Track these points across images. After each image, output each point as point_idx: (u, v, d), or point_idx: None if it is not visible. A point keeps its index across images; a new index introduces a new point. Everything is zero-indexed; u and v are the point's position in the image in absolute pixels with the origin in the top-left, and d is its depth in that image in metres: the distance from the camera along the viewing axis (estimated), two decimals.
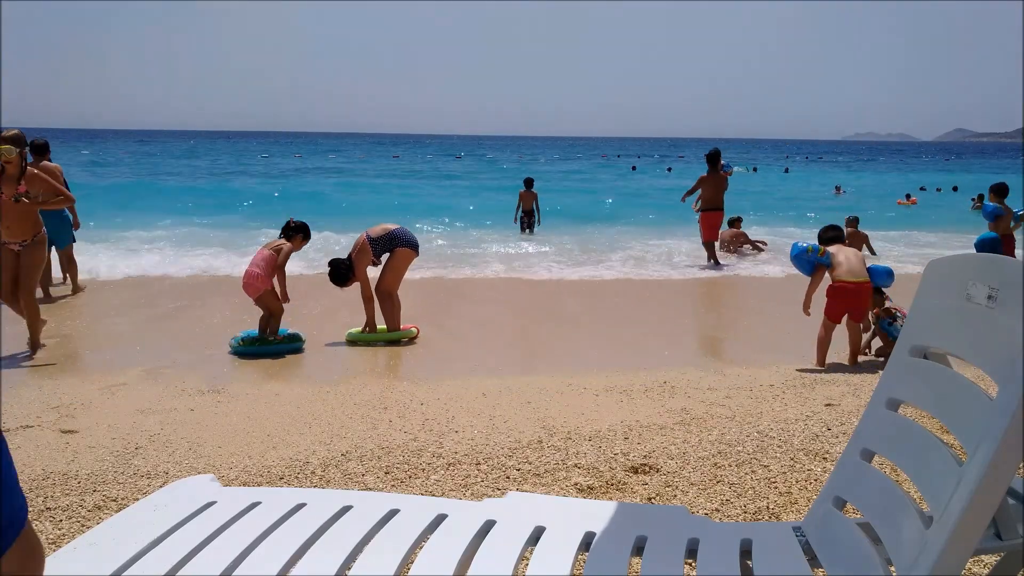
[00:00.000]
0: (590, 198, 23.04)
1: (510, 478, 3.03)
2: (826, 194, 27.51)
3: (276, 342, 5.74)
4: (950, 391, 1.33)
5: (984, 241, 7.90)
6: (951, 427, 1.25)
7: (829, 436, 3.55)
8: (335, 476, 3.09)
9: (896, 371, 1.55)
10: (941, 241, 14.21)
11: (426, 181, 32.07)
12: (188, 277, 9.31)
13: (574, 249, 12.15)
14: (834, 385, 4.72)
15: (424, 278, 8.96)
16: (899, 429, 1.46)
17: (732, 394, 4.38)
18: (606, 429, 3.64)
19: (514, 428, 3.68)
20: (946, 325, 1.42)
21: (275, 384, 4.78)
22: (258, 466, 3.22)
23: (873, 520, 1.38)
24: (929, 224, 17.42)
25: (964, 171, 44.62)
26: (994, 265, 1.29)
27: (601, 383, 4.58)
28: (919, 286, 1.54)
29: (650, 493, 2.86)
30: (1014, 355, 1.14)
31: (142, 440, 3.59)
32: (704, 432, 3.61)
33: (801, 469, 3.11)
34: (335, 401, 4.26)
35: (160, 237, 12.58)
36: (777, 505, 2.75)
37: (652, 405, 4.13)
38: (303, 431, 3.72)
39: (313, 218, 7.18)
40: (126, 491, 2.95)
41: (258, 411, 4.11)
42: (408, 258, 6.12)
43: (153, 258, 10.55)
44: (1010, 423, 1.08)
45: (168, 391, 4.54)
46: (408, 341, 6.04)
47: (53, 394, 4.45)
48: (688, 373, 4.92)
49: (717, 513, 2.69)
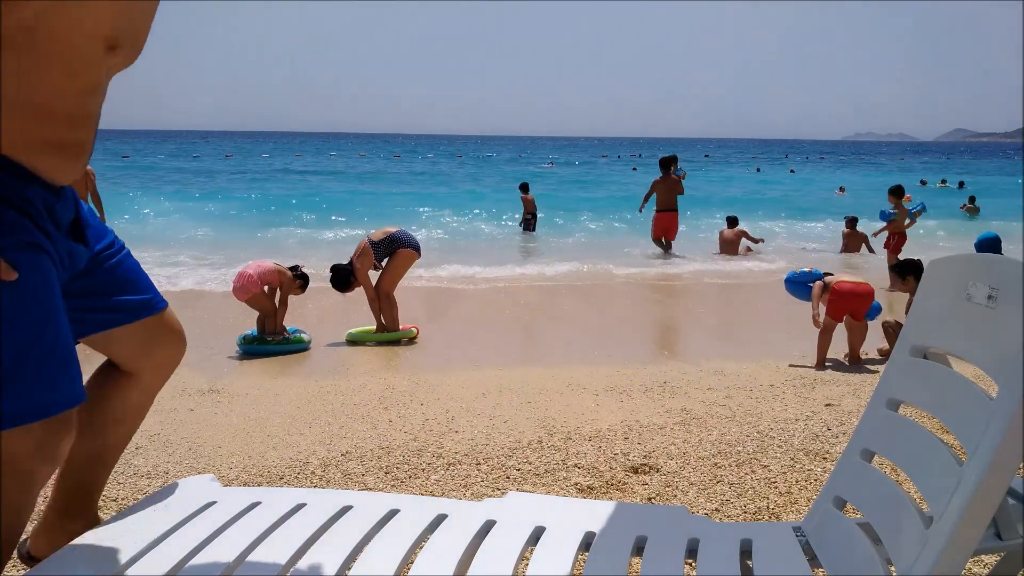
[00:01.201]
0: (591, 198, 23.07)
1: (510, 478, 3.03)
2: (872, 193, 27.13)
3: (279, 342, 5.75)
4: (950, 391, 1.33)
5: (984, 241, 7.91)
6: (951, 427, 1.25)
7: (829, 436, 3.55)
8: (335, 476, 3.09)
9: (896, 371, 1.55)
10: (933, 241, 14.25)
11: (427, 180, 32.09)
12: (189, 277, 9.31)
13: (575, 249, 12.16)
14: (834, 385, 4.72)
15: (424, 278, 8.96)
16: (899, 429, 1.46)
17: (732, 394, 4.38)
18: (606, 429, 3.64)
19: (514, 428, 3.68)
20: (946, 325, 1.42)
21: (275, 384, 4.79)
22: (258, 466, 3.22)
23: (873, 520, 1.38)
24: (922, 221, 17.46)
25: (966, 171, 44.61)
26: (994, 265, 1.29)
27: (601, 383, 4.58)
28: (919, 286, 1.55)
29: (650, 493, 2.86)
30: (1014, 355, 1.14)
31: (142, 440, 3.59)
32: (704, 432, 3.61)
33: (801, 469, 3.11)
34: (335, 401, 4.26)
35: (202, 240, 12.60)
36: (777, 505, 2.75)
37: (652, 405, 4.13)
38: (303, 431, 3.72)
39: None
40: (126, 491, 2.95)
41: (258, 411, 4.11)
42: (410, 259, 6.13)
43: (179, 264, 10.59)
44: (1010, 423, 1.08)
45: (168, 391, 4.54)
46: (408, 341, 6.04)
47: None
48: (688, 373, 4.92)
49: (717, 513, 2.69)
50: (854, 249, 12.71)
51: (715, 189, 27.02)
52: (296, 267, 6.14)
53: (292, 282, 5.95)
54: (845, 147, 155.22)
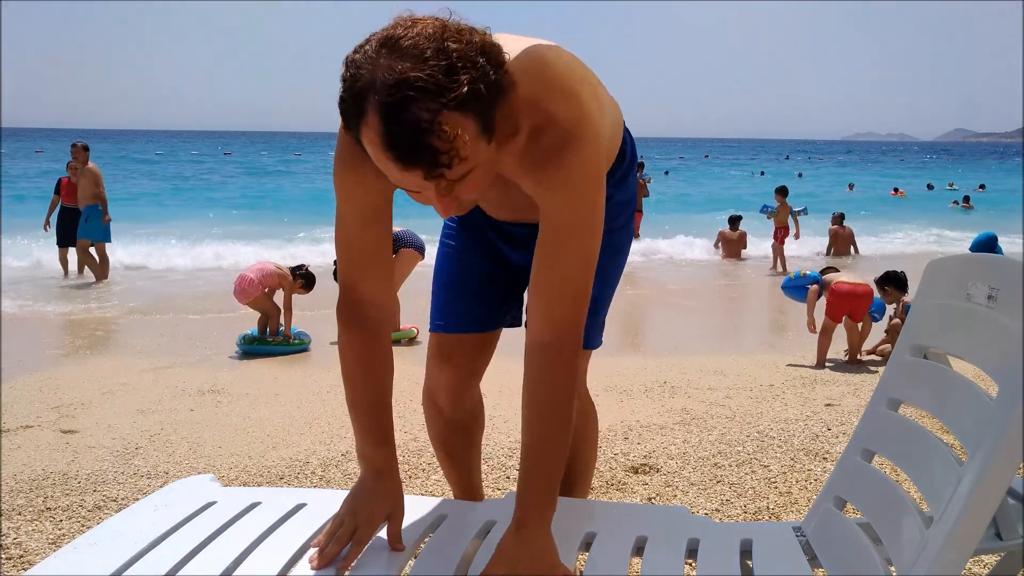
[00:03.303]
0: None
1: (510, 478, 3.03)
2: (883, 195, 26.74)
3: (279, 343, 5.75)
4: (950, 391, 1.33)
5: (981, 242, 7.92)
6: (951, 427, 1.25)
7: (829, 436, 3.55)
8: (335, 476, 3.09)
9: (896, 371, 1.55)
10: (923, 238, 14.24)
11: None
12: (190, 277, 9.32)
13: None
14: (834, 385, 4.72)
15: (424, 278, 8.96)
16: (899, 429, 1.46)
17: (732, 394, 4.38)
18: (606, 429, 3.64)
19: (514, 428, 3.68)
20: (946, 325, 1.42)
21: (275, 384, 4.78)
22: (258, 466, 3.22)
23: (873, 520, 1.38)
24: (910, 218, 17.45)
25: (967, 171, 44.56)
26: (994, 265, 1.29)
27: (601, 383, 4.58)
28: (918, 286, 1.54)
29: (650, 493, 2.86)
30: (1014, 355, 1.14)
31: (142, 440, 3.59)
32: (704, 432, 3.61)
33: (801, 469, 3.11)
34: (335, 401, 4.26)
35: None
36: (777, 505, 2.75)
37: (652, 405, 4.13)
38: (303, 431, 3.72)
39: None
40: (126, 491, 2.95)
41: (258, 411, 4.11)
42: (413, 260, 6.12)
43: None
44: (1010, 423, 1.08)
45: (168, 391, 4.54)
46: (408, 341, 6.04)
47: (53, 394, 4.45)
48: (688, 373, 4.92)
49: (717, 513, 2.69)
50: (842, 251, 12.67)
51: (750, 199, 22.25)
52: (301, 266, 6.13)
53: (293, 284, 5.94)
54: (845, 147, 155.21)
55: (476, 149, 1.12)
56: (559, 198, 1.28)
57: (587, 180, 1.28)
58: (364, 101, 1.08)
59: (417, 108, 1.04)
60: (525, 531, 1.29)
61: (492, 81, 1.12)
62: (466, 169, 1.13)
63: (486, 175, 1.22)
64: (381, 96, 1.05)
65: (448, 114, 1.05)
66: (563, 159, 1.25)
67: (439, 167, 1.09)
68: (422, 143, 1.05)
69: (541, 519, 1.31)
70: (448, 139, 1.06)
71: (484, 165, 1.18)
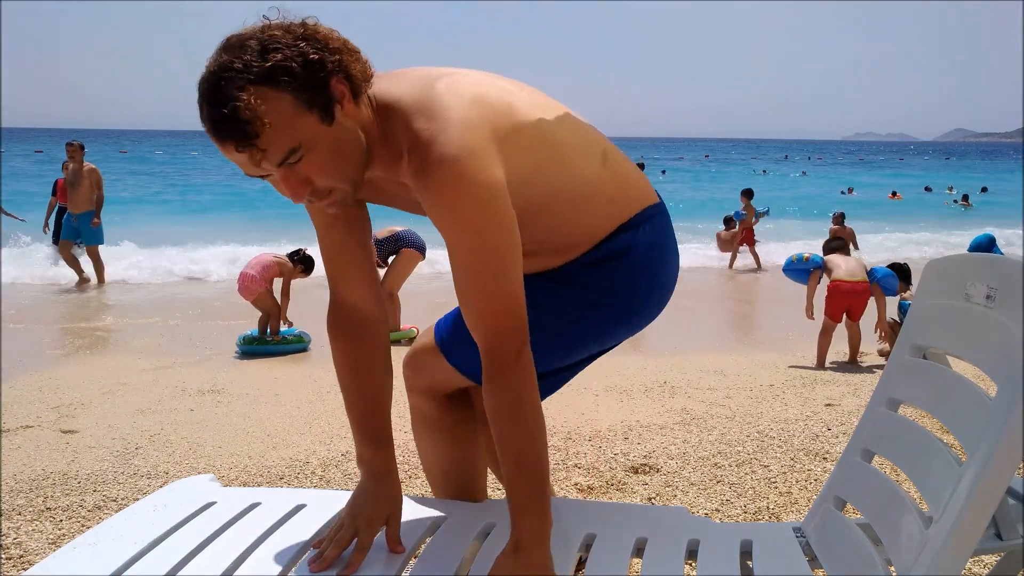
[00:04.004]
0: None
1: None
2: (881, 199, 26.69)
3: (279, 342, 5.75)
4: (950, 391, 1.33)
5: (980, 243, 7.92)
6: (951, 427, 1.25)
7: (829, 436, 3.55)
8: (335, 476, 3.09)
9: (896, 371, 1.55)
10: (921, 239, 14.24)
11: None
12: (189, 277, 9.31)
13: None
14: (834, 385, 4.72)
15: (425, 278, 8.96)
16: (899, 429, 1.46)
17: (732, 394, 4.38)
18: (606, 429, 3.64)
19: None
20: (945, 325, 1.42)
21: (275, 384, 4.78)
22: (258, 466, 3.22)
23: (873, 520, 1.38)
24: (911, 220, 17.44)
25: (968, 171, 44.53)
26: (992, 265, 1.29)
27: (601, 383, 4.58)
28: (918, 286, 1.55)
29: (650, 493, 2.86)
30: (1013, 355, 1.14)
31: (142, 440, 3.59)
32: (704, 432, 3.60)
33: (801, 469, 3.11)
34: (335, 401, 4.26)
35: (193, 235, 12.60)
36: (777, 505, 2.75)
37: (652, 405, 4.13)
38: (303, 431, 3.72)
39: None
40: (126, 491, 2.95)
41: (258, 411, 4.11)
42: (414, 260, 6.12)
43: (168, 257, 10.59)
44: (1009, 423, 1.08)
45: (168, 391, 4.54)
46: (408, 341, 6.04)
47: (53, 394, 4.45)
48: (688, 373, 4.92)
49: (717, 513, 2.69)
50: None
51: (786, 205, 22.08)
52: (297, 251, 6.14)
53: (293, 270, 5.99)
54: (845, 147, 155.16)
55: (298, 123, 1.17)
56: (442, 223, 1.27)
57: (464, 206, 1.24)
58: (198, 98, 1.16)
59: (226, 87, 1.12)
60: (521, 553, 1.26)
61: (311, 60, 1.17)
62: (287, 144, 1.17)
63: (339, 160, 1.24)
64: (202, 87, 1.15)
65: (256, 88, 1.13)
66: (431, 181, 1.24)
67: (247, 137, 1.13)
68: (228, 116, 1.12)
69: (538, 540, 1.27)
70: (251, 109, 1.12)
71: (326, 146, 1.21)
